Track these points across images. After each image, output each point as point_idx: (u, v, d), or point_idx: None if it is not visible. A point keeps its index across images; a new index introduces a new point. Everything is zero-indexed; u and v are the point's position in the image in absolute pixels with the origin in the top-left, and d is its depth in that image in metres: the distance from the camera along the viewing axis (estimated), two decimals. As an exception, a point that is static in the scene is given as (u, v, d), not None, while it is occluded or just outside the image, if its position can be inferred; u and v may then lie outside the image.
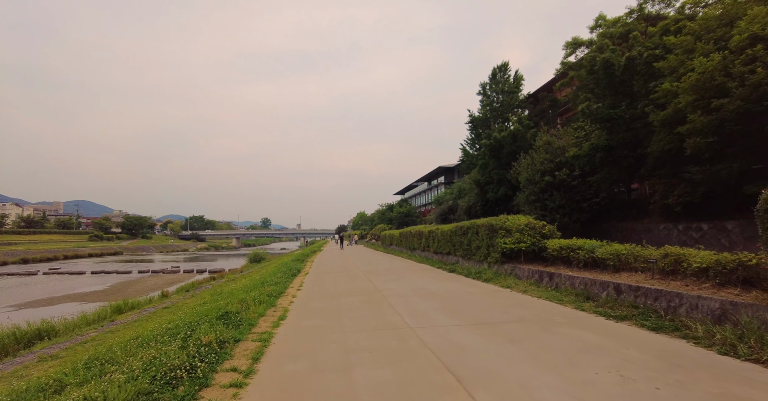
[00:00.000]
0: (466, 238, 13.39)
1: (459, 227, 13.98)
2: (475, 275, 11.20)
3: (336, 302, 7.96)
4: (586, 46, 21.43)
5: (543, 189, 16.34)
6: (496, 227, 11.13)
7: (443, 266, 14.02)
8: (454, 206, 31.05)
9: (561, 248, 9.39)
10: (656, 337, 4.96)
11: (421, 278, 11.62)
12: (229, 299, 8.23)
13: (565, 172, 15.53)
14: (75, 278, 37.11)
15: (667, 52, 12.90)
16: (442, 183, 53.04)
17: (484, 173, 23.38)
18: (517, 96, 33.85)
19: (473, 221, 13.14)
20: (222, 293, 10.49)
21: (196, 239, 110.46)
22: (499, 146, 22.13)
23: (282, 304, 7.84)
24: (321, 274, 13.56)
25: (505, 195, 22.00)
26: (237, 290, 10.02)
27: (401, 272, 13.46)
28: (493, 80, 35.02)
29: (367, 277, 12.15)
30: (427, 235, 17.86)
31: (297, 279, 12.08)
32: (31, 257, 54.79)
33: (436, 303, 7.61)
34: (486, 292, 8.76)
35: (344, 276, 12.60)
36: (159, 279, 34.98)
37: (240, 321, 6.06)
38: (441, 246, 16.04)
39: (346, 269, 15.24)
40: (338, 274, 13.30)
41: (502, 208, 23.13)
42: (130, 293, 27.57)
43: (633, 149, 14.00)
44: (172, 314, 8.68)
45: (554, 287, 8.55)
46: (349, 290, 9.59)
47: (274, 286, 9.78)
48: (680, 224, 12.97)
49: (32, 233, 74.39)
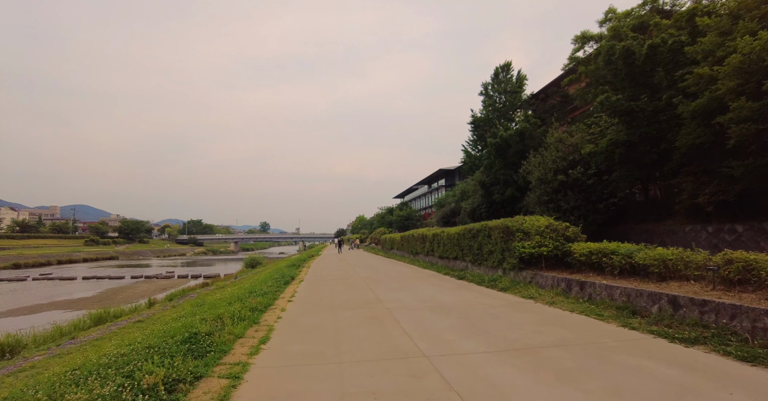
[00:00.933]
0: (476, 242, 12.12)
1: (468, 230, 12.72)
2: (489, 283, 9.91)
3: (332, 317, 6.66)
4: (595, 41, 20.32)
5: (556, 189, 15.13)
6: (513, 229, 9.87)
7: (451, 273, 12.73)
8: (457, 208, 29.81)
9: (590, 253, 8.13)
10: (759, 373, 3.68)
11: (428, 286, 10.33)
12: (208, 312, 6.94)
13: (580, 170, 14.32)
14: (65, 284, 35.66)
15: (695, 38, 11.75)
16: (443, 186, 51.86)
17: (490, 174, 22.16)
18: (520, 96, 32.80)
19: (484, 223, 11.88)
20: (204, 305, 9.19)
21: (194, 243, 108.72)
22: (505, 145, 20.94)
23: (267, 320, 6.53)
24: (317, 281, 12.25)
25: (512, 197, 20.78)
26: (220, 301, 8.72)
27: (405, 279, 12.17)
28: (496, 80, 33.97)
29: (368, 285, 10.85)
30: (432, 239, 16.59)
31: (290, 288, 10.76)
32: (23, 262, 53.28)
33: (451, 318, 6.32)
34: (507, 304, 7.48)
35: (342, 284, 11.30)
36: (151, 285, 33.54)
37: (209, 346, 4.77)
38: (447, 251, 14.76)
39: (344, 275, 13.94)
40: (336, 282, 11.99)
41: (508, 210, 21.89)
42: (119, 300, 26.17)
43: (656, 144, 12.80)
44: (140, 330, 7.38)
45: (587, 298, 7.27)
46: (347, 301, 8.28)
47: (261, 297, 8.47)
48: (710, 226, 11.73)
49: (27, 237, 72.79)
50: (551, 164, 15.64)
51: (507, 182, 21.22)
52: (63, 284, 36.16)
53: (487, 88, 33.58)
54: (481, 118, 32.66)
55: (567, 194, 14.72)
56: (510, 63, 33.47)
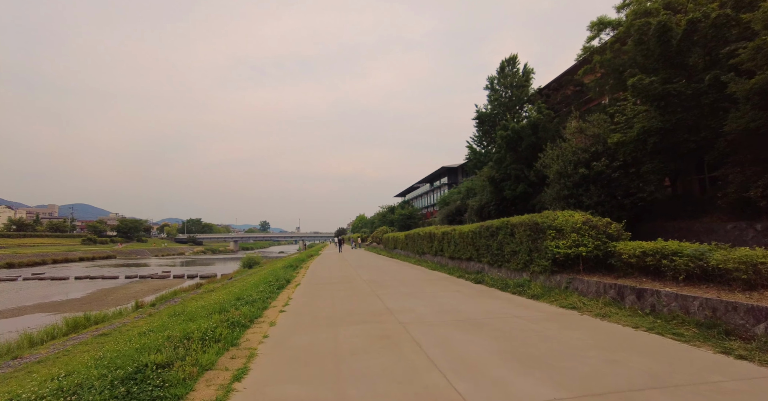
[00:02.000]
0: (494, 241, 10.66)
1: (485, 228, 11.26)
2: (515, 288, 8.45)
3: (332, 336, 5.19)
4: (612, 28, 18.86)
5: (577, 183, 13.70)
6: (543, 226, 8.40)
7: (465, 276, 11.27)
8: (463, 206, 28.37)
9: (644, 254, 6.67)
10: None
11: (444, 292, 8.86)
12: (178, 328, 5.49)
13: (604, 162, 12.89)
14: (56, 285, 34.17)
15: (740, 12, 10.35)
16: (445, 184, 50.43)
17: (500, 169, 20.70)
18: (527, 90, 31.33)
19: (505, 219, 10.41)
20: (182, 314, 7.73)
21: (193, 242, 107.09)
22: (517, 137, 19.49)
23: (250, 341, 5.06)
24: (315, 286, 10.77)
25: (524, 193, 19.33)
26: (201, 310, 7.25)
27: (414, 282, 10.71)
28: (501, 74, 32.48)
29: (374, 290, 9.38)
30: (441, 237, 15.12)
31: (284, 294, 9.28)
32: (17, 262, 51.78)
33: (486, 338, 4.86)
34: (548, 317, 6.02)
35: (344, 290, 9.82)
36: (144, 286, 32.07)
37: (159, 388, 3.30)
38: (459, 251, 13.30)
39: (346, 278, 12.45)
40: (336, 286, 10.51)
41: (519, 207, 20.44)
42: (109, 301, 24.70)
43: (695, 132, 11.36)
44: (94, 350, 5.92)
45: (648, 310, 5.81)
46: (350, 312, 6.81)
47: (249, 306, 7.01)
48: (758, 223, 10.27)
49: (23, 236, 71.25)
50: (571, 156, 14.22)
51: (518, 177, 19.78)
52: (54, 284, 34.68)
53: (492, 83, 32.10)
54: (487, 113, 31.21)
55: (589, 189, 13.30)
56: (516, 56, 31.96)
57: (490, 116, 31.44)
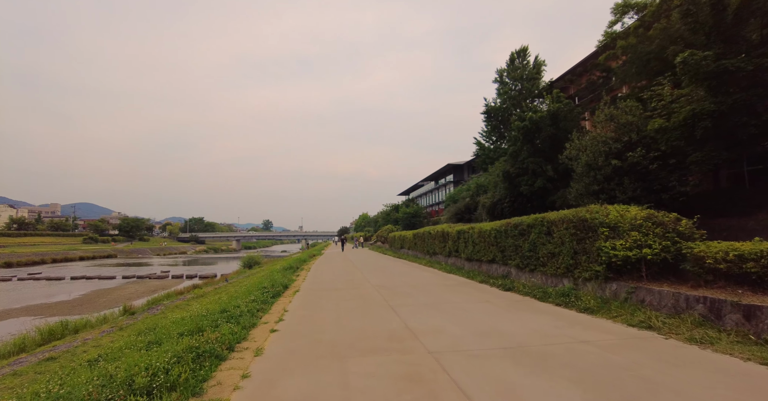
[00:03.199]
0: (525, 241, 9.09)
1: (512, 226, 9.69)
2: (557, 298, 6.89)
3: (339, 377, 3.64)
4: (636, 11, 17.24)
5: (608, 176, 12.15)
6: (593, 223, 6.84)
7: (490, 281, 9.71)
8: (472, 204, 26.81)
9: (740, 259, 5.11)
10: None
11: (472, 303, 7.31)
12: (133, 358, 3.98)
13: (640, 152, 11.31)
14: (51, 285, 32.81)
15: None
16: (451, 182, 48.83)
17: (516, 163, 19.10)
18: (538, 83, 29.73)
19: (538, 216, 8.85)
20: (154, 331, 6.23)
21: (196, 241, 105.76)
22: (535, 128, 17.89)
23: (221, 385, 3.52)
24: (317, 293, 9.22)
25: (543, 189, 17.75)
26: (174, 327, 5.73)
27: (433, 289, 9.15)
28: (511, 66, 30.89)
29: (386, 300, 7.83)
30: (455, 237, 13.56)
31: (279, 304, 7.73)
32: (15, 261, 50.53)
33: (564, 386, 3.31)
34: (624, 343, 4.45)
35: (351, 298, 8.26)
36: (141, 286, 30.65)
37: None
38: (479, 252, 11.73)
39: (352, 283, 10.90)
40: (341, 293, 8.95)
41: (537, 204, 18.86)
42: (101, 304, 23.28)
43: (756, 115, 9.77)
44: (18, 385, 4.43)
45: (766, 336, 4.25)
46: (362, 334, 5.25)
47: (233, 323, 5.49)
48: (832, 220, 8.72)
49: (23, 235, 70.07)
50: (602, 146, 12.64)
51: (536, 171, 18.20)
52: (49, 285, 33.31)
53: (502, 75, 30.49)
54: (496, 107, 29.63)
55: (623, 183, 11.75)
56: (527, 48, 30.36)
57: (500, 110, 29.86)
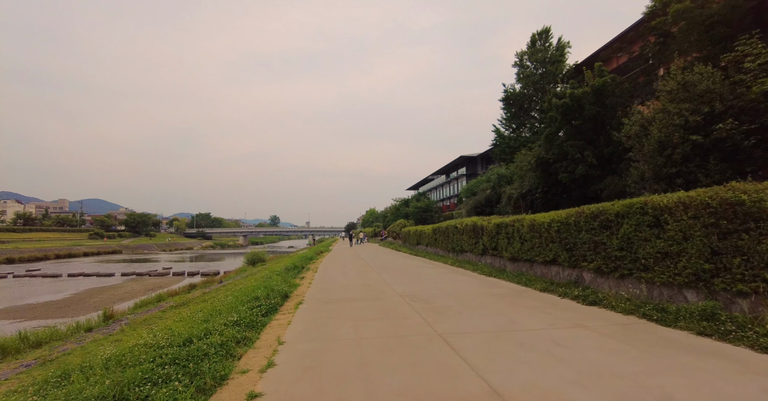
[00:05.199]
0: (611, 235, 6.58)
1: (588, 216, 7.16)
2: (695, 323, 4.41)
3: None
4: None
5: (686, 156, 9.62)
6: (754, 208, 4.31)
7: (556, 290, 7.20)
8: (493, 196, 24.22)
9: None
10: None
11: (564, 332, 4.81)
12: None
13: (731, 124, 8.75)
14: (45, 283, 30.88)
15: None
16: (463, 175, 46.18)
17: (552, 148, 16.50)
18: (562, 66, 26.95)
19: (638, 200, 6.32)
20: (77, 371, 3.85)
21: (203, 237, 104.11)
22: (576, 107, 15.26)
23: None
24: (325, 307, 6.71)
25: (585, 176, 15.12)
26: (111, 369, 3.35)
27: (486, 303, 6.62)
28: (532, 49, 28.12)
29: (427, 322, 5.36)
30: (493, 231, 11.02)
31: (271, 330, 5.22)
32: (17, 257, 48.91)
33: None
34: None
35: (375, 318, 5.74)
36: (137, 285, 28.56)
37: None
38: (530, 250, 9.19)
39: (371, 291, 8.39)
40: (360, 309, 6.33)
41: (576, 194, 16.26)
42: (90, 305, 21.14)
43: None
44: None
45: None
46: (409, 396, 2.81)
47: (205, 361, 3.07)
48: None
49: (28, 230, 68.70)
50: (677, 118, 10.06)
51: (576, 157, 15.58)
52: (44, 282, 31.39)
53: (522, 58, 27.79)
54: (516, 93, 27.00)
55: (707, 163, 9.22)
56: (549, 28, 27.61)
57: (520, 96, 27.22)
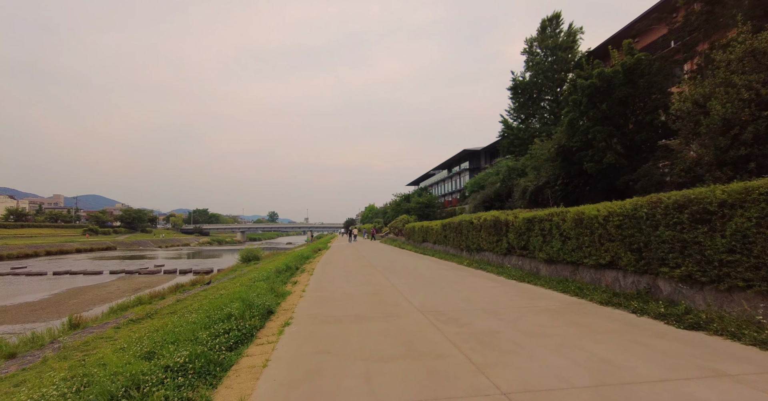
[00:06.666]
0: (709, 233, 4.79)
1: (668, 207, 5.34)
2: None
3: None
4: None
5: (758, 136, 7.94)
6: None
7: (622, 303, 5.42)
8: (503, 190, 22.43)
9: None
10: None
11: (717, 387, 3.04)
12: None
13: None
14: (27, 282, 29.00)
15: None
16: (466, 169, 44.35)
17: (575, 134, 14.70)
18: (574, 52, 25.26)
19: (753, 184, 4.53)
20: None
21: (200, 233, 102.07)
22: (605, 88, 13.44)
23: None
24: (322, 331, 4.79)
25: (614, 165, 13.33)
26: None
27: (549, 327, 4.71)
28: (542, 35, 26.40)
29: (478, 366, 3.57)
30: (522, 227, 9.19)
31: (233, 383, 3.44)
32: (5, 254, 46.92)
33: None
34: None
35: (394, 357, 3.76)
36: (125, 283, 26.72)
37: None
38: (574, 250, 7.38)
39: (382, 304, 6.53)
40: (371, 337, 4.26)
41: (603, 186, 14.49)
42: (68, 306, 19.30)
43: None
44: None
45: None
46: None
47: None
48: None
49: (20, 226, 66.60)
50: (744, 92, 8.29)
51: (602, 145, 13.77)
52: (27, 281, 29.50)
53: (531, 45, 26.02)
54: (525, 81, 25.23)
55: (785, 145, 7.47)
56: (560, 14, 25.81)
57: (530, 85, 25.44)
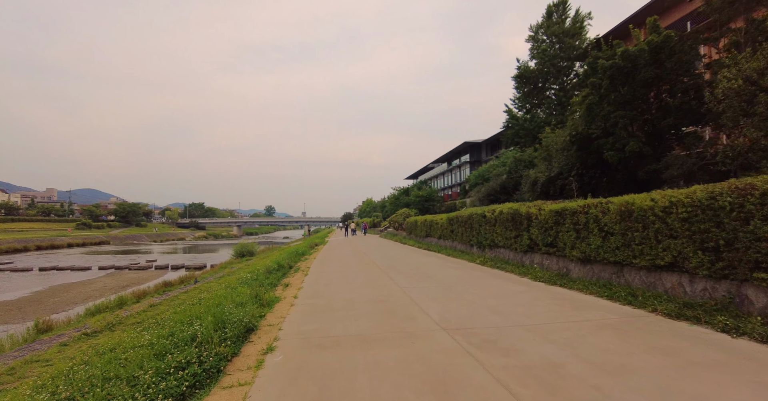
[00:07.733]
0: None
1: None
2: None
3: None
4: None
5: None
6: None
7: (703, 318, 4.21)
8: (510, 182, 21.22)
9: None
10: None
11: None
12: None
13: None
14: (11, 278, 27.58)
15: None
16: (467, 162, 43.05)
17: (595, 120, 13.45)
18: (582, 39, 23.89)
19: None
20: None
21: (195, 227, 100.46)
22: (629, 69, 12.16)
23: None
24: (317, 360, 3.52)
25: (637, 154, 12.11)
26: None
27: (626, 355, 3.54)
28: (548, 21, 24.94)
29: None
30: (549, 221, 7.95)
31: None
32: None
33: None
34: None
35: None
36: (112, 280, 25.39)
37: None
38: (619, 249, 6.13)
39: (393, 318, 5.08)
40: (390, 380, 2.94)
41: (623, 177, 13.29)
42: (49, 306, 17.97)
43: None
44: None
45: None
46: None
47: None
48: None
49: (10, 220, 64.80)
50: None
51: (623, 132, 12.53)
52: (10, 277, 28.07)
53: (537, 32, 24.61)
54: (531, 69, 23.88)
55: None
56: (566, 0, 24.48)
57: (535, 73, 24.07)
